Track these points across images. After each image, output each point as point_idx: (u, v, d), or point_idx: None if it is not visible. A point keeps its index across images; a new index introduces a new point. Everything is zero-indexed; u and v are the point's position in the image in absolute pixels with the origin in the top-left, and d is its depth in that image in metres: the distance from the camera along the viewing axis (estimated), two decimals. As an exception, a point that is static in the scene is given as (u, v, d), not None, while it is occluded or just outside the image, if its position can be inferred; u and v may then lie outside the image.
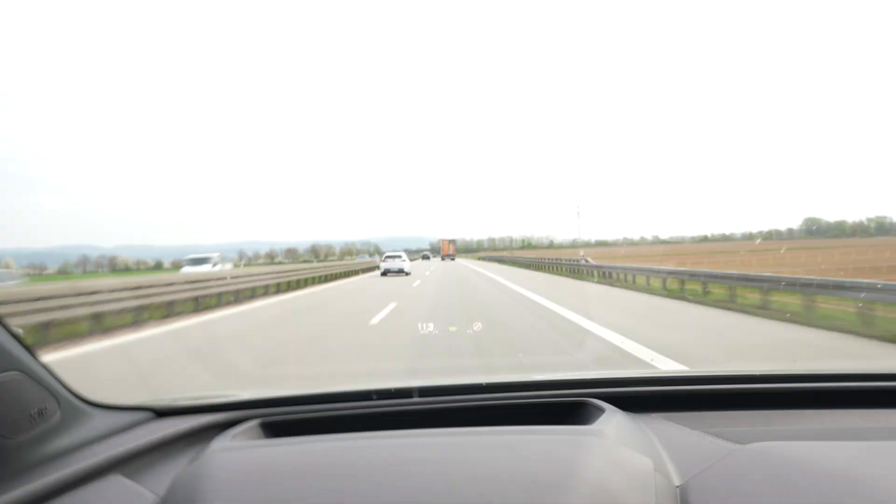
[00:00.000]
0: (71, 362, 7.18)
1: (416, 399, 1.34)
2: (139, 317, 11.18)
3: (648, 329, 9.26)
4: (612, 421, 1.15)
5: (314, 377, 5.99)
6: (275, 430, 1.25)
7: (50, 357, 7.29)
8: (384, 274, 31.29)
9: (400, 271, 30.91)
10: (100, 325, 9.89)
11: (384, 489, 0.86)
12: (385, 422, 1.27)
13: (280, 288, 20.17)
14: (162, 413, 1.31)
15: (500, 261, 50.70)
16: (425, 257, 73.16)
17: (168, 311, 12.52)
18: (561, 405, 1.32)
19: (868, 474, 0.87)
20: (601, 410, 1.22)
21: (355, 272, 35.36)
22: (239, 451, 1.04)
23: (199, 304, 13.89)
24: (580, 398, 1.30)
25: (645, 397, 1.40)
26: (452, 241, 76.40)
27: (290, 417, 1.30)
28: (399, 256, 32.32)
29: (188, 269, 23.87)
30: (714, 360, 6.69)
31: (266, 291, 18.60)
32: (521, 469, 0.91)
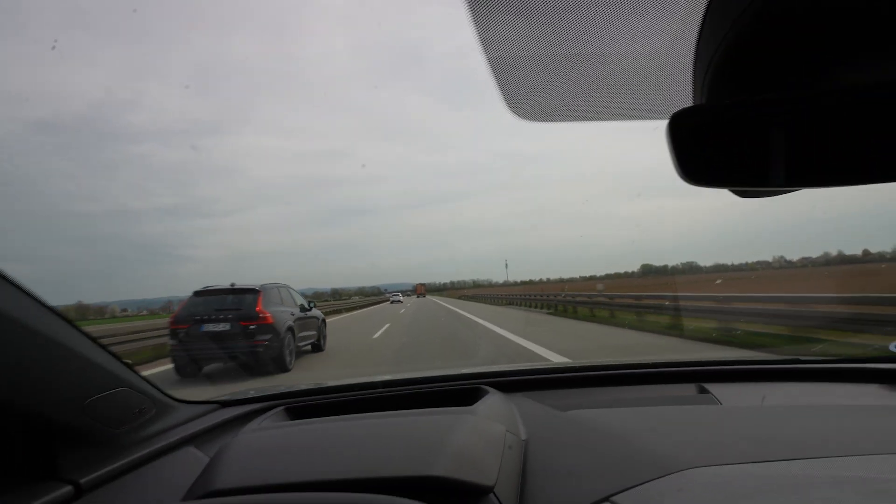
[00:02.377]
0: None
1: (380, 390, 1.84)
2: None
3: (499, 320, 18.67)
4: (489, 401, 1.55)
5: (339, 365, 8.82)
6: (293, 412, 1.65)
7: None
8: (392, 303, 53.71)
9: (398, 302, 55.41)
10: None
11: (334, 458, 1.15)
12: (360, 406, 1.71)
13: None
14: (224, 404, 1.70)
15: (460, 297, 65.63)
16: (406, 295, 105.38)
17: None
18: (467, 389, 1.80)
19: (629, 430, 1.30)
20: (486, 392, 1.67)
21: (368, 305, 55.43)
22: (261, 431, 1.37)
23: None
24: (476, 385, 1.79)
25: (515, 382, 1.94)
26: (423, 285, 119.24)
27: (301, 404, 1.72)
28: (398, 296, 63.00)
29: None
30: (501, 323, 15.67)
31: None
32: (416, 438, 1.20)
